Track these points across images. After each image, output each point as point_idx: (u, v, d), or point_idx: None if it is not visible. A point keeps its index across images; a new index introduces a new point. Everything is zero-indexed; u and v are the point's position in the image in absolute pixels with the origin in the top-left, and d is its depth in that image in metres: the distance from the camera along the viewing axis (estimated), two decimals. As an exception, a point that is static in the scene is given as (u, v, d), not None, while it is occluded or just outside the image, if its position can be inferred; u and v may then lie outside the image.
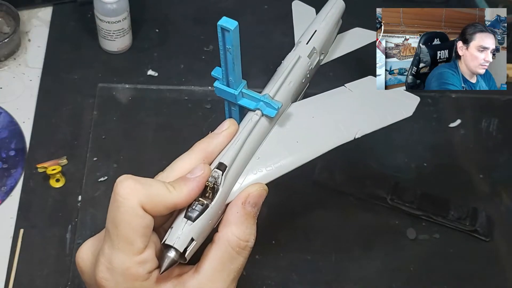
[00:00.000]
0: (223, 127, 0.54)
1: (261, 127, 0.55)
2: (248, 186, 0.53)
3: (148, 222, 0.48)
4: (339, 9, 0.68)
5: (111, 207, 0.49)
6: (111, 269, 0.48)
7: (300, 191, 0.83)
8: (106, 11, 0.91)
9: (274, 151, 0.55)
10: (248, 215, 0.52)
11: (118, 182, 0.49)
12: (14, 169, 0.85)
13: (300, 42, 0.64)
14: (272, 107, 0.55)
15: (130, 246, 0.48)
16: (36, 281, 0.76)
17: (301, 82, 0.61)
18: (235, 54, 0.52)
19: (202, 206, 0.50)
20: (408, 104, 0.58)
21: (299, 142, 0.56)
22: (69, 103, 0.91)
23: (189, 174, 0.51)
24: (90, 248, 0.52)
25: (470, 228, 0.81)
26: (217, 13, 1.02)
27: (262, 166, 0.54)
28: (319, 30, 0.65)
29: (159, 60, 0.97)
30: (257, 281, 0.77)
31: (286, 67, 0.60)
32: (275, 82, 0.59)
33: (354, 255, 0.80)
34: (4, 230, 0.80)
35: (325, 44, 0.65)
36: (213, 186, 0.51)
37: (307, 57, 0.62)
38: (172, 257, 0.48)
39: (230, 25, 0.50)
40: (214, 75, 0.56)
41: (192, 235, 0.49)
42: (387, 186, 0.83)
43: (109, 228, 0.48)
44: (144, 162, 0.86)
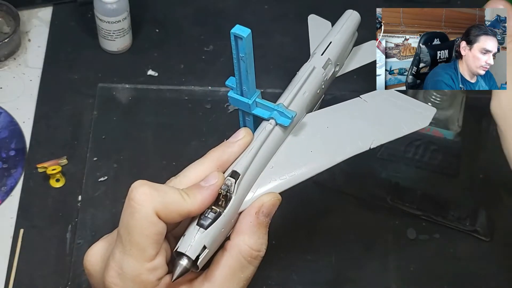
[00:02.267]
0: (238, 136, 0.54)
1: (275, 136, 0.55)
2: (261, 195, 0.53)
3: (161, 229, 0.48)
4: (354, 22, 0.68)
5: (125, 212, 0.48)
6: (121, 274, 0.48)
7: (300, 191, 0.82)
8: (106, 11, 0.91)
9: (288, 160, 0.55)
10: (260, 225, 0.51)
11: (133, 188, 0.48)
12: (14, 169, 0.85)
13: (315, 53, 0.64)
14: (286, 117, 0.55)
15: (142, 253, 0.48)
16: (36, 281, 0.76)
17: (316, 92, 0.61)
18: (249, 63, 0.52)
19: (215, 214, 0.50)
20: (424, 115, 0.58)
21: (313, 151, 0.56)
22: (69, 103, 0.91)
23: (203, 182, 0.50)
24: (99, 251, 0.52)
25: (470, 228, 0.81)
26: (217, 13, 1.02)
27: (275, 175, 0.54)
28: (334, 41, 0.65)
29: (159, 60, 0.97)
30: (257, 281, 0.76)
31: (301, 77, 0.60)
32: (290, 92, 0.58)
33: (354, 255, 0.80)
34: (4, 230, 0.80)
35: (340, 56, 0.65)
36: (226, 194, 0.50)
37: (322, 68, 0.62)
38: (184, 265, 0.48)
39: (243, 32, 0.50)
40: (228, 85, 0.56)
41: (205, 243, 0.49)
42: (387, 186, 0.83)
43: (122, 233, 0.48)
44: (144, 162, 0.86)
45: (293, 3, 1.02)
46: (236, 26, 0.50)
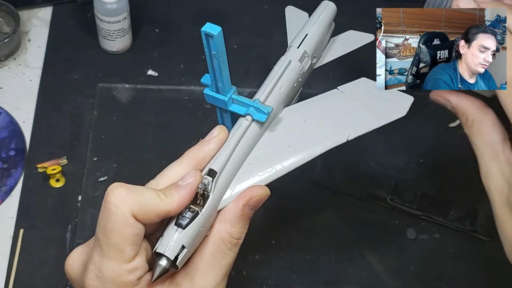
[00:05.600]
0: (213, 134, 0.54)
1: (252, 132, 0.55)
2: (251, 187, 0.53)
3: (139, 230, 0.48)
4: (330, 13, 0.68)
5: (101, 215, 0.48)
6: (101, 277, 0.48)
7: (300, 191, 0.83)
8: (106, 11, 0.91)
9: (266, 156, 0.55)
10: (244, 216, 0.52)
11: (110, 190, 0.48)
12: (14, 169, 0.85)
13: (291, 46, 0.64)
14: (262, 112, 0.55)
15: (120, 254, 0.48)
16: (36, 281, 0.76)
17: (293, 86, 0.60)
18: (222, 60, 0.52)
19: (193, 213, 0.50)
20: (402, 104, 0.57)
21: (291, 146, 0.55)
22: (69, 103, 0.91)
23: (181, 181, 0.50)
24: (80, 256, 0.52)
25: (470, 228, 0.81)
26: (217, 13, 1.02)
27: (254, 171, 0.54)
28: (310, 33, 0.64)
29: (159, 60, 0.97)
30: (257, 281, 0.77)
31: (277, 71, 0.60)
32: (266, 87, 0.58)
33: (354, 255, 0.80)
34: (4, 230, 0.80)
35: (317, 48, 0.65)
36: (203, 193, 0.50)
37: (298, 61, 0.62)
38: (163, 266, 0.48)
39: (214, 30, 0.49)
40: (204, 82, 0.56)
41: (183, 243, 0.49)
42: (387, 186, 0.83)
43: (99, 236, 0.48)
44: (144, 162, 0.86)
45: (293, 3, 1.02)
46: (207, 24, 0.50)
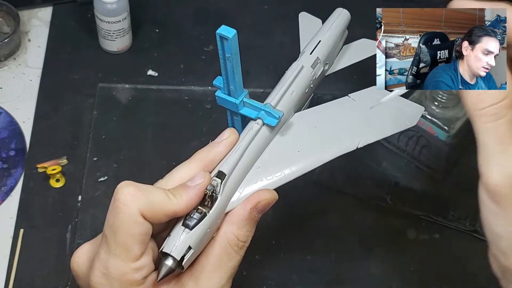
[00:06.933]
0: (223, 136, 0.54)
1: (262, 136, 0.55)
2: (259, 190, 0.53)
3: (146, 229, 0.48)
4: (344, 20, 0.68)
5: (110, 212, 0.49)
6: (106, 274, 0.48)
7: (300, 191, 0.83)
8: (106, 11, 0.91)
9: (275, 160, 0.55)
10: (252, 220, 0.52)
11: (119, 188, 0.48)
12: (14, 169, 0.85)
13: (304, 52, 0.64)
14: (273, 117, 0.55)
15: (127, 253, 0.48)
16: (36, 281, 0.76)
17: (304, 92, 0.60)
18: (235, 63, 0.52)
19: (200, 215, 0.50)
20: (412, 114, 0.58)
21: (300, 151, 0.56)
22: (69, 103, 0.91)
23: (189, 182, 0.50)
24: (86, 253, 0.52)
25: (470, 228, 0.81)
26: (217, 13, 1.02)
27: (262, 175, 0.54)
28: (323, 40, 0.64)
29: (159, 60, 0.97)
30: (257, 281, 0.77)
31: (289, 76, 0.60)
32: (278, 91, 0.58)
33: (354, 255, 0.80)
34: (4, 230, 0.80)
35: (330, 55, 0.65)
36: (211, 195, 0.50)
37: (311, 67, 0.62)
38: (169, 266, 0.49)
39: (229, 33, 0.50)
40: (216, 84, 0.56)
41: (190, 244, 0.49)
42: (387, 186, 0.83)
43: (107, 233, 0.48)
44: (144, 162, 0.86)
45: (293, 3, 1.02)
46: (222, 27, 0.50)
